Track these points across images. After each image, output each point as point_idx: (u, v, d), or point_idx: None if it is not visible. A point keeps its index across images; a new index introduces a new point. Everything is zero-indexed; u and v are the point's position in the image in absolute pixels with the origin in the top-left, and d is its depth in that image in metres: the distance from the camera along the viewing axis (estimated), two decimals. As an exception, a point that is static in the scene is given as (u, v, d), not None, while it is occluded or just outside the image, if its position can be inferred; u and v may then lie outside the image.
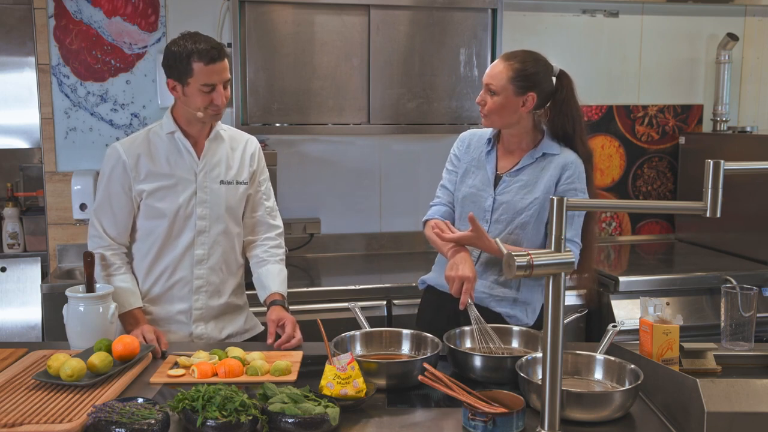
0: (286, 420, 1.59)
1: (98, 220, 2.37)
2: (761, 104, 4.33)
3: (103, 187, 2.36)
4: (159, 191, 2.33)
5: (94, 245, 2.36)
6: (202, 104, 2.25)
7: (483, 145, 2.42)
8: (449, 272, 2.19)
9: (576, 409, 1.68)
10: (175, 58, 2.23)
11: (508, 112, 2.28)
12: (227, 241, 2.40)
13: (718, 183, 1.44)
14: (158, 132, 2.37)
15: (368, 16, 3.40)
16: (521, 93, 2.25)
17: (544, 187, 2.31)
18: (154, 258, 2.37)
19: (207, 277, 2.38)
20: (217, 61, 2.22)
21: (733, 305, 2.14)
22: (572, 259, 1.51)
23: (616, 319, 3.17)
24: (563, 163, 2.31)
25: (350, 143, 3.86)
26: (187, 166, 2.35)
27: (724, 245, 3.83)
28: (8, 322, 3.75)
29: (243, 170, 2.43)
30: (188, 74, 2.23)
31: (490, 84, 2.27)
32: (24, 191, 4.08)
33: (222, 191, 2.38)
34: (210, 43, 2.22)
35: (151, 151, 2.34)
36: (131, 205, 2.36)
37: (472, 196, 2.37)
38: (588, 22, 4.06)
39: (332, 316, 2.78)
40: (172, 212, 2.33)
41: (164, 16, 3.64)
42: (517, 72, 2.25)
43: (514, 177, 2.34)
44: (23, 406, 1.72)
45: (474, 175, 2.40)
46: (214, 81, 2.23)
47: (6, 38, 3.92)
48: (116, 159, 2.33)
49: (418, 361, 1.90)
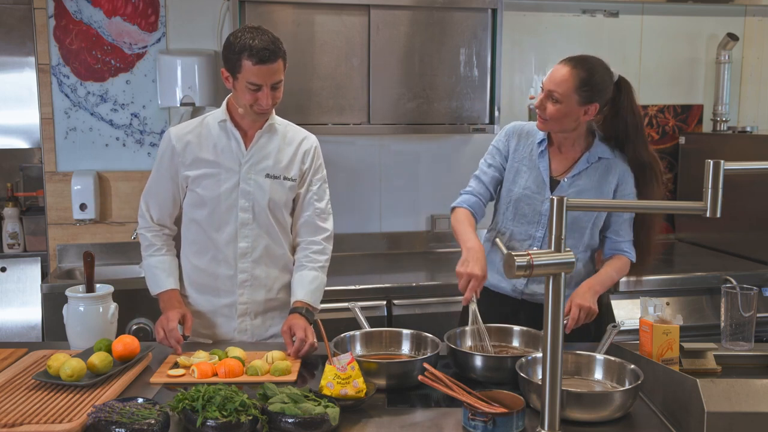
0: (286, 420, 1.59)
1: (145, 202, 2.40)
2: (761, 104, 4.33)
3: (155, 170, 2.38)
4: (202, 178, 2.31)
5: (139, 225, 2.42)
6: (247, 101, 2.21)
7: (533, 145, 2.37)
8: (460, 268, 2.15)
9: (576, 409, 1.68)
10: (230, 50, 2.18)
11: (569, 120, 2.24)
12: (272, 236, 2.36)
13: (718, 183, 1.44)
14: (212, 119, 2.35)
15: (368, 16, 3.41)
16: (585, 102, 2.20)
17: (604, 193, 2.30)
18: (199, 247, 2.36)
19: (251, 271, 2.35)
20: (266, 63, 2.14)
21: (733, 305, 2.13)
22: (572, 259, 1.51)
23: (616, 319, 3.16)
24: (621, 171, 2.31)
25: (350, 143, 3.86)
26: (234, 155, 2.31)
27: (724, 245, 3.83)
28: (8, 322, 3.75)
29: (293, 167, 2.37)
30: (237, 69, 2.18)
31: (555, 91, 2.20)
32: (24, 191, 4.08)
33: (267, 185, 2.32)
34: (265, 44, 2.14)
35: (201, 138, 2.32)
36: (176, 190, 2.35)
37: (527, 198, 2.34)
38: (588, 22, 4.06)
39: (332, 316, 2.78)
40: (212, 200, 2.31)
41: (164, 16, 3.64)
42: (583, 81, 2.19)
43: (572, 182, 2.31)
44: (23, 406, 1.72)
45: (526, 175, 2.36)
46: (260, 82, 2.17)
47: (6, 38, 3.91)
48: (167, 144, 2.33)
49: (418, 361, 1.90)
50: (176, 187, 2.35)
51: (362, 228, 3.93)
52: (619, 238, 2.37)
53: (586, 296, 2.23)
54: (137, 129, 3.68)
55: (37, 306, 3.65)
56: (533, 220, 2.34)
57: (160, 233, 2.40)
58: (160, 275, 2.35)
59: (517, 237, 2.36)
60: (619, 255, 2.37)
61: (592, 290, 2.26)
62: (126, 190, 3.70)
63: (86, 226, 3.67)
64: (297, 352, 2.13)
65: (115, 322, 2.22)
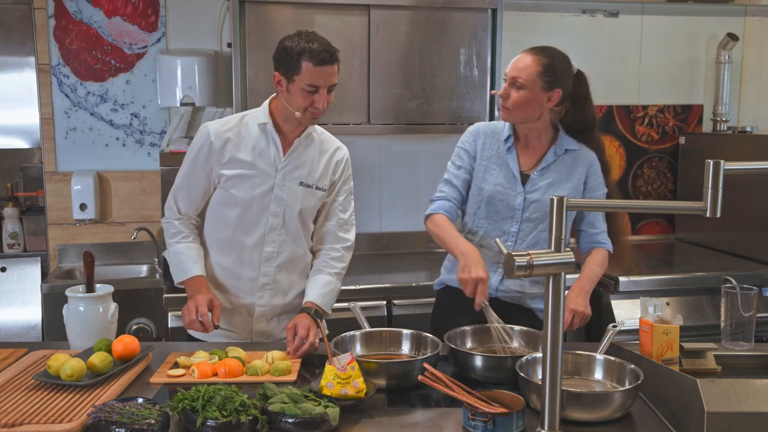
0: (286, 420, 1.59)
1: (174, 196, 2.38)
2: (761, 104, 4.33)
3: (187, 165, 2.34)
4: (237, 179, 2.29)
5: (166, 215, 2.40)
6: (303, 104, 2.21)
7: (500, 142, 2.39)
8: (462, 274, 2.14)
9: (576, 409, 1.68)
10: (287, 53, 2.18)
11: (533, 107, 2.27)
12: (297, 243, 2.36)
13: (718, 183, 1.44)
14: (252, 120, 2.33)
15: (368, 16, 3.40)
16: (549, 88, 2.24)
17: (573, 185, 2.34)
18: (224, 246, 2.36)
19: (274, 276, 2.35)
20: (327, 64, 2.16)
21: (733, 305, 2.13)
22: (572, 259, 1.51)
23: (616, 319, 3.18)
24: (589, 161, 2.37)
25: (350, 143, 3.83)
26: (271, 160, 2.30)
27: (724, 245, 3.83)
28: (8, 322, 3.75)
29: (325, 177, 2.37)
30: (296, 71, 2.18)
31: (518, 77, 2.24)
32: (24, 191, 4.09)
33: (299, 193, 2.32)
34: (324, 46, 2.17)
35: (239, 138, 2.31)
36: (208, 186, 2.34)
37: (500, 194, 2.35)
38: (588, 22, 4.06)
39: (332, 316, 2.77)
40: (245, 202, 2.30)
41: (164, 16, 3.64)
42: (546, 67, 2.23)
43: (542, 175, 2.34)
44: (23, 406, 1.72)
45: (496, 172, 2.37)
46: (319, 83, 2.17)
47: (6, 38, 3.92)
48: (204, 139, 2.31)
49: (418, 361, 1.90)
50: (209, 182, 2.33)
51: (362, 228, 3.91)
52: (594, 230, 2.41)
53: (579, 300, 2.25)
54: (137, 129, 3.68)
55: (37, 306, 3.66)
56: (507, 215, 2.35)
57: (188, 222, 2.39)
58: (187, 261, 2.33)
59: (491, 234, 2.37)
60: (597, 248, 2.41)
61: (584, 292, 2.29)
62: (126, 190, 3.70)
63: (86, 226, 3.67)
64: (296, 350, 2.13)
65: (115, 322, 2.22)
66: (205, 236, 2.41)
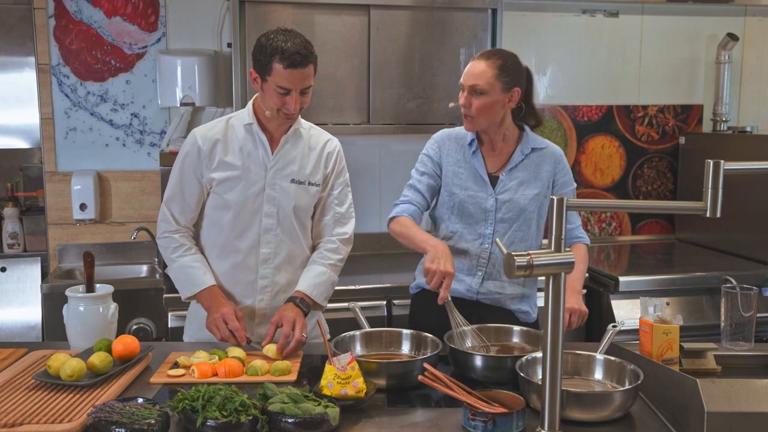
0: (286, 420, 1.59)
1: (167, 207, 2.32)
2: (761, 104, 4.33)
3: (177, 172, 2.31)
4: (228, 182, 2.27)
5: (161, 230, 2.33)
6: (275, 105, 2.17)
7: (464, 147, 2.41)
8: (429, 264, 2.10)
9: (576, 409, 1.68)
10: (261, 52, 2.14)
11: (496, 111, 2.29)
12: (294, 242, 2.34)
13: (718, 183, 1.44)
14: (237, 122, 2.31)
15: (368, 16, 3.41)
16: (508, 89, 2.27)
17: (543, 182, 2.36)
18: (220, 251, 2.33)
19: (272, 277, 2.33)
20: (297, 68, 2.10)
21: (733, 305, 2.14)
22: (572, 259, 1.51)
23: (616, 319, 3.18)
24: (556, 157, 2.40)
25: (350, 143, 3.86)
26: (260, 160, 2.28)
27: (724, 245, 3.83)
28: (8, 322, 3.75)
29: (317, 171, 2.34)
30: (267, 72, 2.13)
31: (477, 84, 2.25)
32: (24, 191, 4.09)
33: (292, 190, 2.30)
34: (297, 47, 2.10)
35: (227, 140, 2.28)
36: (201, 191, 2.31)
37: (471, 198, 2.36)
38: (588, 22, 4.06)
39: (332, 316, 2.78)
40: (237, 204, 2.27)
41: (164, 16, 3.64)
42: (501, 68, 2.25)
43: (510, 175, 2.36)
44: (23, 406, 1.72)
45: (464, 176, 2.38)
46: (290, 86, 2.13)
47: (6, 38, 3.92)
48: (192, 144, 2.28)
49: (418, 361, 1.90)
50: (201, 188, 2.30)
51: (362, 228, 3.92)
52: (571, 225, 2.44)
53: (572, 299, 2.26)
54: (137, 129, 3.68)
55: (37, 306, 3.66)
56: (480, 218, 2.36)
57: (186, 234, 2.35)
58: (197, 273, 2.29)
59: (467, 238, 2.37)
60: (576, 243, 2.44)
61: (576, 291, 2.31)
62: (126, 190, 3.70)
63: (86, 226, 3.67)
64: (281, 349, 2.09)
65: (115, 322, 2.22)
66: (202, 243, 2.38)
